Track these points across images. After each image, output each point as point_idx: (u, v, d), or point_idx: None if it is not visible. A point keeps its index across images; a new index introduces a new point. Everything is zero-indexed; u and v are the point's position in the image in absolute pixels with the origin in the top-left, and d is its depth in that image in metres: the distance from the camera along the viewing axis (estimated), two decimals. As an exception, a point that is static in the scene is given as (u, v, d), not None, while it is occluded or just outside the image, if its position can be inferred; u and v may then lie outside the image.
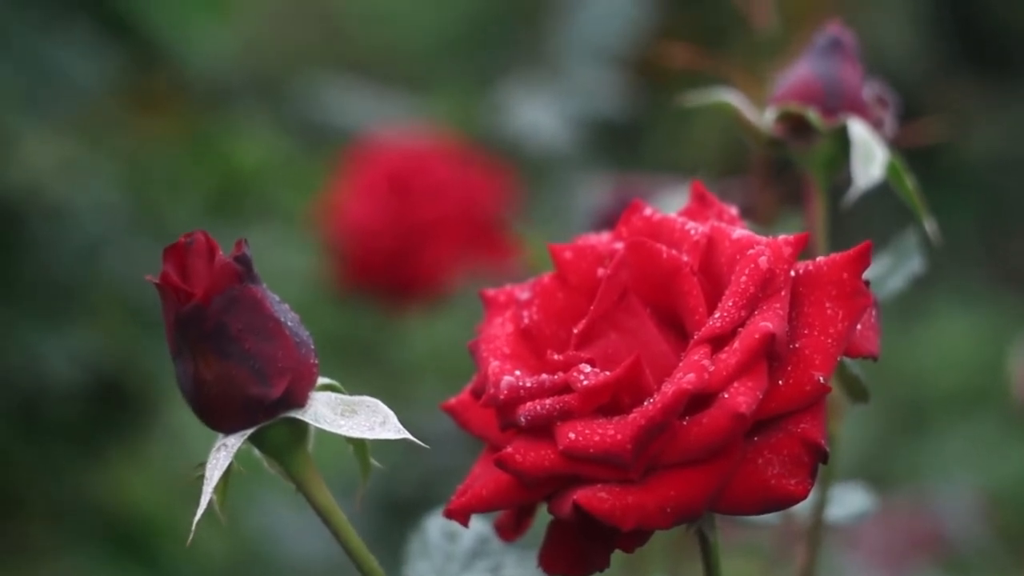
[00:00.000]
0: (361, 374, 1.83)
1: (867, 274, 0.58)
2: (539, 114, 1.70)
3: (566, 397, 0.57)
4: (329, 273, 1.70)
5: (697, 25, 2.10)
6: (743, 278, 0.57)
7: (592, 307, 0.59)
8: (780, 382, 0.56)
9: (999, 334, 2.23)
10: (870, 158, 0.70)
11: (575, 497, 0.55)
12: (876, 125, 0.72)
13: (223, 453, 0.56)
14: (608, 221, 0.78)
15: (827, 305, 0.57)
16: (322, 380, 0.59)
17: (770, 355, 0.56)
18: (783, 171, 0.84)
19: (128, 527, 1.64)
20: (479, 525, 0.67)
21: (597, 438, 0.56)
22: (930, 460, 2.22)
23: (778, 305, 0.57)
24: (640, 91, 1.78)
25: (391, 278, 1.65)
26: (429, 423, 1.03)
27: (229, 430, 0.57)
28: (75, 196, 1.64)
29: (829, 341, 0.56)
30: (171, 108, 1.81)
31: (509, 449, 0.57)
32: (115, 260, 1.62)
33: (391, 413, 0.57)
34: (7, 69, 1.56)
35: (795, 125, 0.72)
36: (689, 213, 0.62)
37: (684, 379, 0.55)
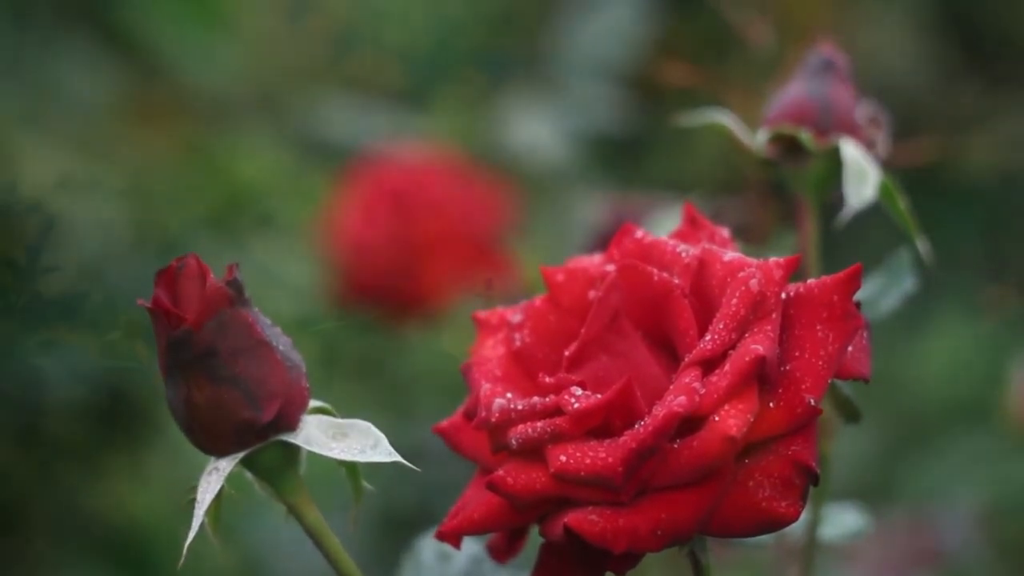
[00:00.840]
0: (363, 385, 1.82)
1: (861, 294, 0.58)
2: (539, 130, 1.69)
3: (557, 420, 0.57)
4: (330, 288, 1.70)
5: (696, 38, 2.10)
6: (734, 301, 0.57)
7: (583, 330, 0.60)
8: (771, 405, 0.56)
9: (1002, 344, 2.23)
10: (862, 179, 0.70)
11: (566, 520, 0.55)
12: (869, 145, 0.72)
13: (214, 477, 0.57)
14: (607, 239, 0.78)
15: (818, 327, 0.57)
16: (314, 403, 0.59)
17: (761, 378, 0.56)
18: (781, 188, 0.84)
19: (129, 541, 1.64)
20: (472, 546, 0.67)
21: (588, 461, 0.56)
22: (931, 471, 2.21)
23: (769, 328, 0.57)
24: (639, 106, 1.78)
25: (391, 294, 1.65)
26: (429, 436, 1.03)
27: (221, 453, 0.57)
28: (76, 210, 1.64)
29: (820, 363, 0.56)
30: (172, 122, 1.81)
31: (500, 472, 0.57)
32: (116, 274, 1.62)
33: (382, 436, 0.58)
34: (8, 84, 1.56)
35: (788, 146, 0.72)
36: (681, 235, 0.62)
37: (675, 402, 0.55)
